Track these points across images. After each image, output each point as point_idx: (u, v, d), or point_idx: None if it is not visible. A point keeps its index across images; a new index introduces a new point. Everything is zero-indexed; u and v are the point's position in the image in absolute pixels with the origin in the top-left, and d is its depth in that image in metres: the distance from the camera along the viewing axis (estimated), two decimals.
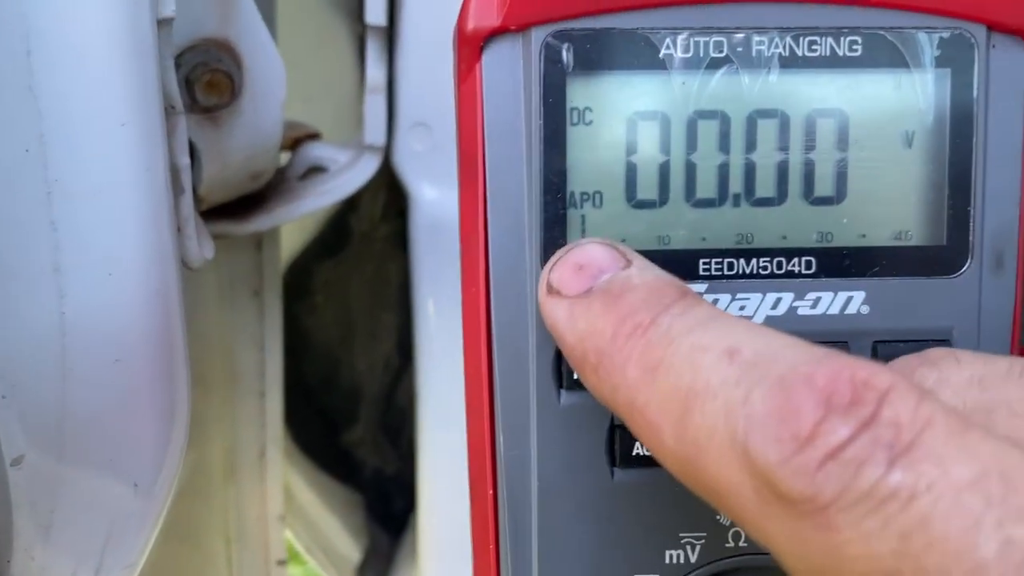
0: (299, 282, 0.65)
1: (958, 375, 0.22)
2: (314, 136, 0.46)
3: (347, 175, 0.44)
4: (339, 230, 0.65)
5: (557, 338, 0.23)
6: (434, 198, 0.45)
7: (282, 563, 0.61)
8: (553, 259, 0.23)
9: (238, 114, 0.37)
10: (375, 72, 0.42)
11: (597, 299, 0.22)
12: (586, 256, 0.23)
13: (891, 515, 0.16)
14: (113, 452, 0.31)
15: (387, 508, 0.70)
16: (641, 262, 0.23)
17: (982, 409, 0.21)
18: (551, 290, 0.23)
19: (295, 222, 0.63)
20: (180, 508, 0.54)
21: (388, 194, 0.62)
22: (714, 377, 0.19)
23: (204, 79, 0.35)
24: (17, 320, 0.27)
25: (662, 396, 0.20)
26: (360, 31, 0.44)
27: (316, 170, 0.46)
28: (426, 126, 0.43)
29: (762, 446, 0.18)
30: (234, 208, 0.43)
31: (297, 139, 0.46)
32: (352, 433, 0.70)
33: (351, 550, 0.69)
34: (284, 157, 0.46)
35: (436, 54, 0.33)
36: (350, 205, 0.64)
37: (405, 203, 0.48)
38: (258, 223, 0.43)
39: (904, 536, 0.16)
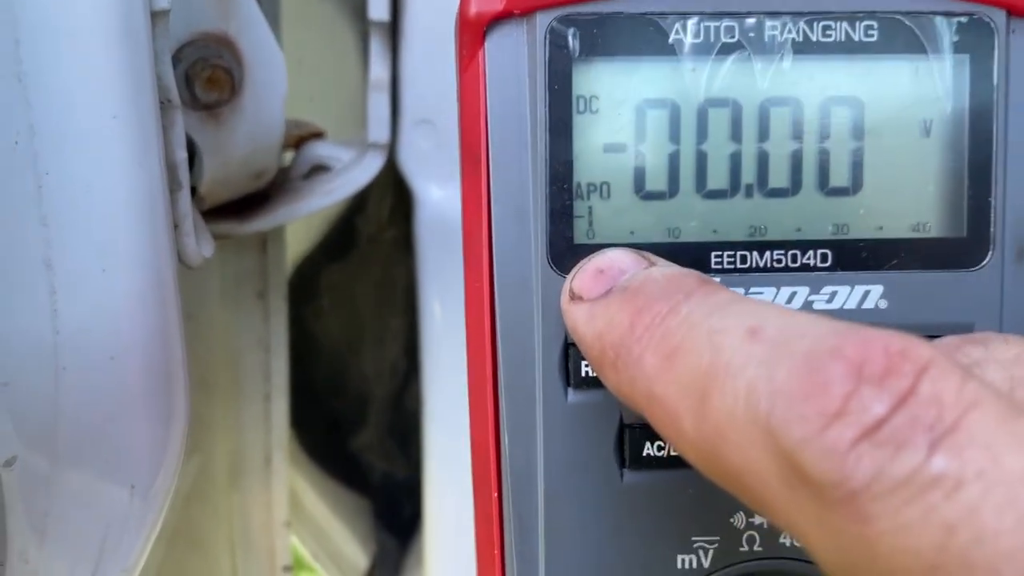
0: (305, 285, 0.65)
1: (1005, 352, 0.21)
2: (318, 135, 0.46)
3: (351, 174, 0.44)
4: (346, 233, 0.64)
5: (578, 341, 0.22)
6: (439, 197, 0.45)
7: (288, 570, 0.60)
8: (575, 268, 0.23)
9: (239, 111, 0.37)
10: (378, 69, 0.41)
11: (616, 296, 0.21)
12: (607, 261, 0.22)
13: (933, 505, 0.15)
14: (109, 453, 0.30)
15: (396, 513, 0.70)
16: (663, 263, 0.22)
17: None
18: (573, 296, 0.22)
19: (301, 224, 0.62)
20: (184, 514, 0.53)
21: (395, 196, 0.61)
22: (735, 356, 0.18)
23: (204, 75, 0.34)
24: (8, 317, 0.27)
25: (681, 382, 0.19)
26: (364, 28, 0.44)
27: (320, 169, 0.45)
28: (431, 123, 0.42)
29: (786, 424, 0.16)
30: (237, 207, 0.42)
31: (301, 138, 0.45)
32: (360, 438, 0.69)
33: (359, 556, 0.68)
34: (288, 156, 0.46)
35: (440, 50, 0.32)
36: (357, 207, 0.64)
37: (410, 203, 0.48)
38: (261, 222, 0.43)
39: (949, 529, 0.15)
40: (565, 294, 0.23)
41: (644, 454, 0.24)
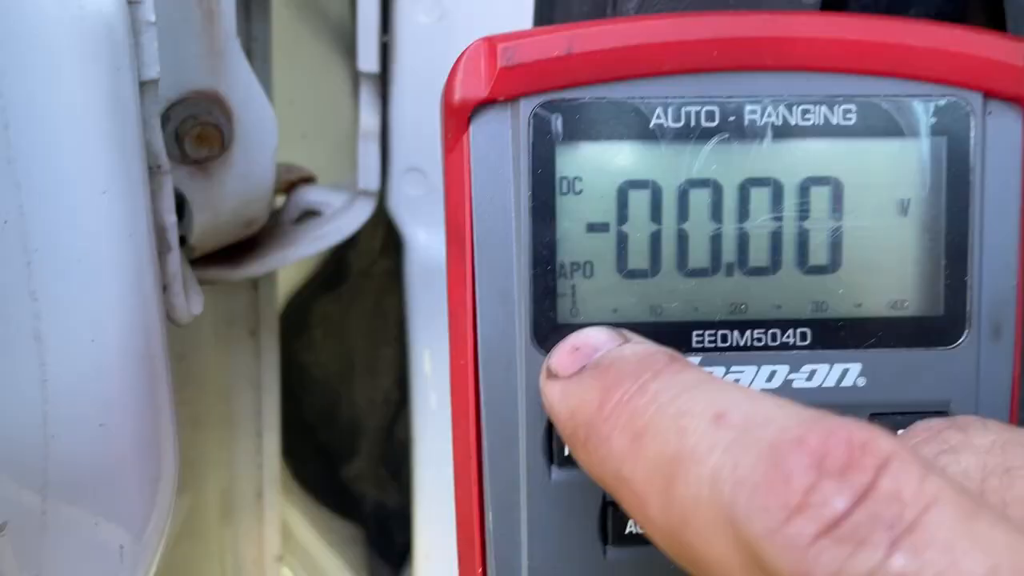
0: (298, 318, 0.65)
1: (983, 438, 0.21)
2: (309, 179, 0.46)
3: (341, 220, 0.44)
4: (337, 266, 0.65)
5: (553, 420, 0.22)
6: (428, 241, 0.45)
7: None
8: (553, 349, 0.23)
9: (229, 165, 0.37)
10: (368, 118, 0.41)
11: (588, 374, 0.21)
12: (582, 338, 0.22)
13: None
14: (98, 517, 0.31)
15: (388, 542, 0.70)
16: (638, 339, 0.22)
17: (1001, 470, 0.20)
18: (549, 374, 0.22)
19: None
20: (176, 552, 0.53)
21: (386, 230, 0.61)
22: (701, 442, 0.18)
23: (194, 132, 0.35)
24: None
25: (648, 464, 0.19)
26: (355, 70, 0.44)
27: (311, 214, 0.45)
28: (420, 171, 0.43)
29: (749, 516, 0.16)
30: (228, 253, 0.42)
31: (292, 183, 0.45)
32: (352, 467, 0.69)
33: None
34: (280, 199, 0.46)
35: (429, 100, 0.33)
36: (348, 242, 0.64)
37: (400, 246, 0.48)
38: (252, 269, 0.43)
39: None
40: (543, 372, 0.23)
41: (627, 532, 0.25)
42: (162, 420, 0.31)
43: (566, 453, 0.25)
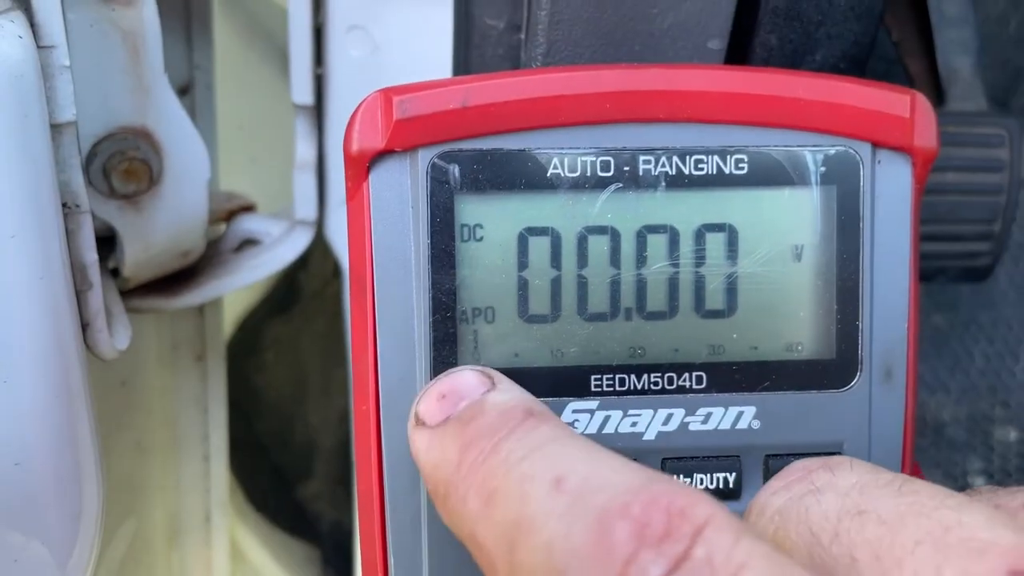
0: (249, 340, 0.65)
1: (848, 479, 0.22)
2: (248, 208, 0.46)
3: (279, 249, 0.44)
4: (289, 288, 0.65)
5: (420, 471, 0.22)
6: None
7: None
8: (422, 390, 0.23)
9: (159, 198, 0.37)
10: (304, 150, 0.42)
11: (450, 427, 0.22)
12: (449, 384, 0.23)
13: None
14: (18, 552, 0.31)
15: (345, 561, 0.70)
16: (505, 384, 0.22)
17: (855, 511, 0.20)
18: (417, 420, 0.22)
19: None
20: None
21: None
22: (539, 509, 0.19)
23: (121, 168, 0.35)
24: None
25: (496, 528, 0.19)
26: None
27: (250, 243, 0.45)
28: None
29: None
30: (166, 282, 0.42)
31: (232, 211, 0.46)
32: (308, 487, 0.69)
33: None
34: (222, 227, 0.46)
35: None
36: (300, 264, 0.64)
37: (340, 276, 0.48)
38: (189, 298, 0.43)
39: None
40: (411, 417, 0.23)
41: None
42: (82, 456, 0.31)
43: None
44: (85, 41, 0.31)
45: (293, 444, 0.69)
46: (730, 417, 0.25)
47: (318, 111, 0.41)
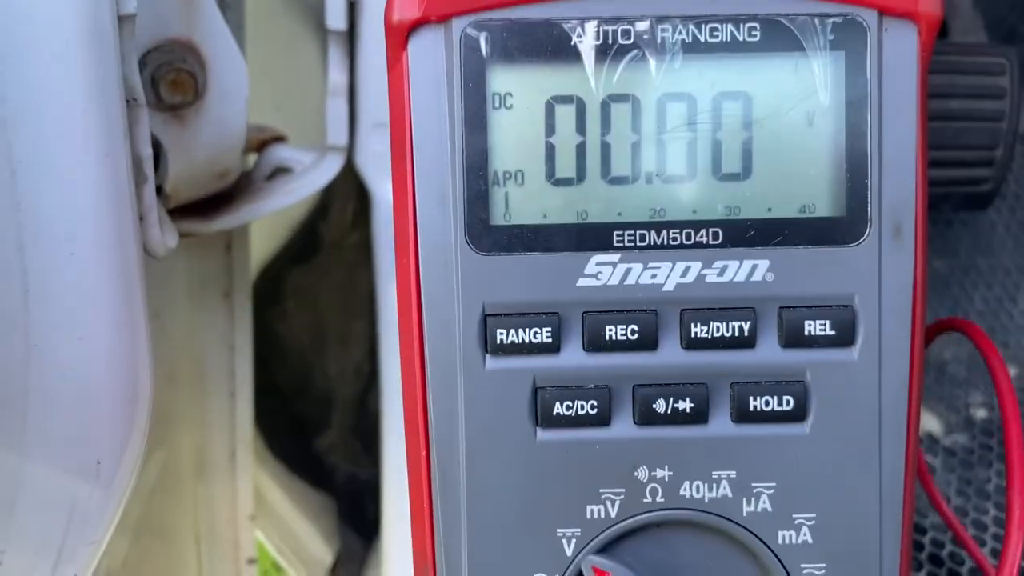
0: (270, 288, 0.67)
1: None
2: (280, 139, 0.48)
3: (312, 175, 0.46)
4: (310, 237, 0.67)
5: None
6: None
7: (252, 562, 0.62)
8: None
9: (203, 112, 0.39)
10: (336, 75, 0.44)
11: None
12: None
13: None
14: (76, 428, 0.32)
15: (360, 512, 0.71)
16: None
17: None
18: None
19: (266, 229, 0.64)
20: (150, 506, 0.55)
21: (357, 203, 0.64)
22: None
23: (168, 78, 0.37)
24: None
25: None
26: (325, 38, 0.46)
27: (282, 171, 0.47)
28: (386, 126, 0.45)
29: None
30: (202, 207, 0.44)
31: (263, 141, 0.48)
32: (324, 439, 0.71)
33: (324, 553, 0.70)
34: (251, 159, 0.48)
35: None
36: (320, 214, 0.66)
37: (369, 205, 0.50)
38: (225, 221, 0.45)
39: None
40: None
41: (555, 413, 0.27)
42: (138, 340, 0.33)
43: (499, 342, 0.27)
44: None
45: (311, 394, 0.71)
46: (745, 270, 0.27)
47: (351, 38, 0.43)
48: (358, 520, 0.72)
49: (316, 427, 0.71)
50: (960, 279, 0.58)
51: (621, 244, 0.27)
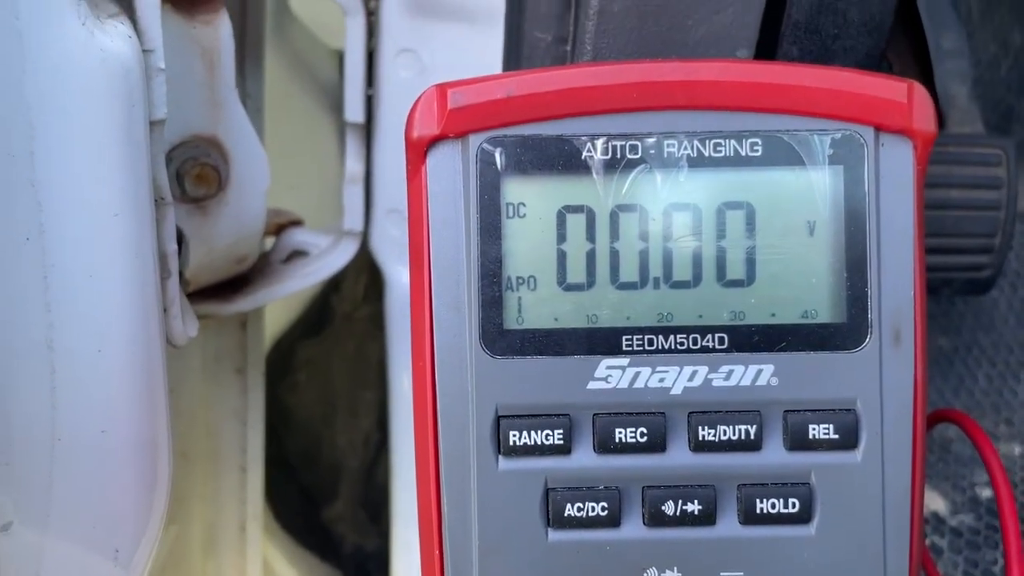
0: (282, 360, 0.68)
1: None
2: (297, 223, 0.50)
3: (328, 258, 0.48)
4: (322, 310, 0.68)
5: None
6: (408, 279, 0.48)
7: None
8: None
9: (224, 204, 0.41)
10: (353, 164, 0.45)
11: None
12: None
13: None
14: (96, 518, 0.33)
15: None
16: None
17: None
18: None
19: (280, 303, 0.66)
20: None
21: (369, 276, 0.65)
22: None
23: (193, 172, 0.39)
24: (11, 391, 0.30)
25: None
26: (341, 124, 0.48)
27: (298, 254, 0.49)
28: (400, 212, 0.47)
29: None
30: (220, 289, 0.46)
31: (281, 225, 0.49)
32: (332, 510, 0.71)
33: None
34: (269, 242, 0.49)
35: None
36: (333, 287, 0.68)
37: (382, 284, 0.51)
38: (242, 304, 0.46)
39: None
40: None
41: (566, 514, 0.28)
42: (159, 430, 0.34)
43: (511, 444, 0.28)
44: (169, 54, 0.35)
45: (320, 465, 0.72)
46: (750, 374, 0.28)
47: (367, 129, 0.45)
48: None
49: (324, 498, 0.71)
50: (964, 357, 0.58)
51: (630, 348, 0.28)
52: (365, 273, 0.65)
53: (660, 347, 0.28)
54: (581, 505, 0.28)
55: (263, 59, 0.50)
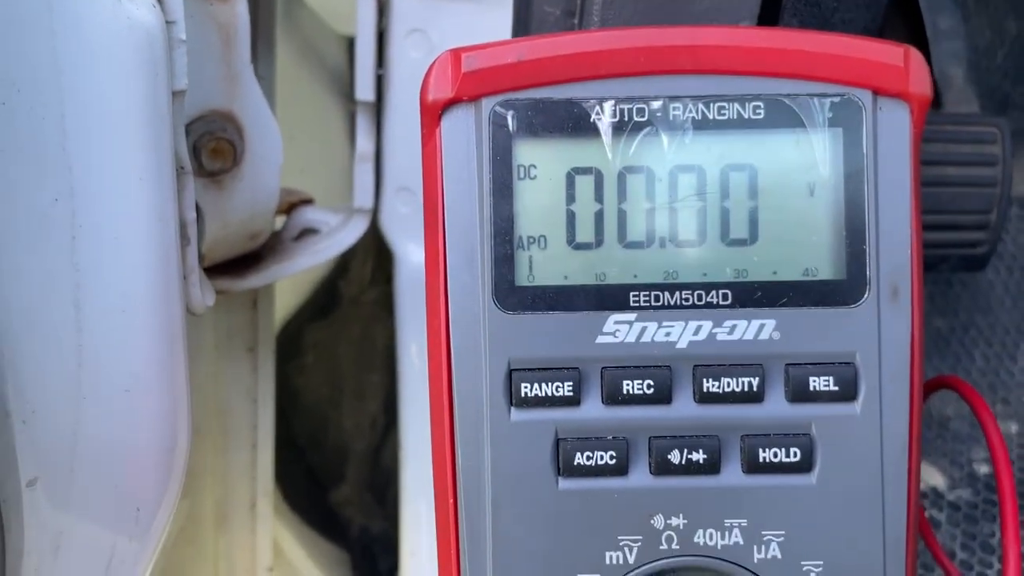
0: (291, 343, 0.69)
1: None
2: (308, 201, 0.51)
3: (338, 236, 0.49)
4: (330, 293, 0.69)
5: None
6: (418, 257, 0.49)
7: None
8: None
9: (239, 178, 0.42)
10: (364, 142, 0.46)
11: None
12: None
13: None
14: (120, 476, 0.34)
15: (373, 566, 0.72)
16: None
17: None
18: None
19: (289, 285, 0.67)
20: (173, 556, 0.56)
21: (376, 260, 0.66)
22: None
23: (210, 146, 0.40)
24: (40, 352, 0.31)
25: None
26: (351, 108, 0.49)
27: (309, 232, 0.50)
28: (410, 190, 0.48)
29: None
30: (233, 265, 0.47)
31: (292, 204, 0.50)
32: (339, 492, 0.72)
33: None
34: (280, 221, 0.50)
35: (417, 126, 0.37)
36: (340, 271, 0.69)
37: (391, 264, 0.52)
38: (255, 280, 0.47)
39: None
40: None
41: (575, 463, 0.29)
42: (179, 392, 0.35)
43: (523, 395, 0.29)
44: (187, 29, 0.36)
45: (327, 447, 0.73)
46: (753, 329, 0.29)
47: (378, 108, 0.46)
48: (370, 573, 0.73)
49: (331, 480, 0.72)
50: (960, 337, 0.59)
51: (637, 304, 0.29)
52: (372, 256, 0.66)
53: (666, 303, 0.29)
54: (590, 454, 0.29)
55: (274, 43, 0.51)
